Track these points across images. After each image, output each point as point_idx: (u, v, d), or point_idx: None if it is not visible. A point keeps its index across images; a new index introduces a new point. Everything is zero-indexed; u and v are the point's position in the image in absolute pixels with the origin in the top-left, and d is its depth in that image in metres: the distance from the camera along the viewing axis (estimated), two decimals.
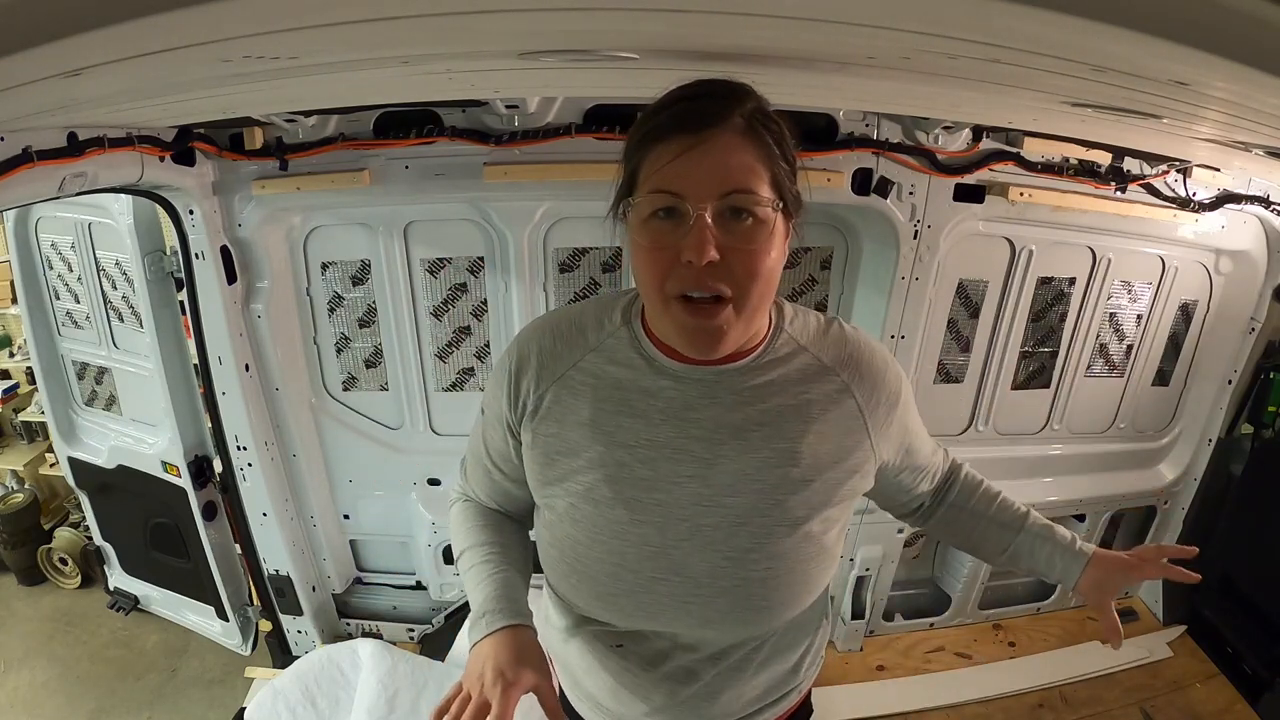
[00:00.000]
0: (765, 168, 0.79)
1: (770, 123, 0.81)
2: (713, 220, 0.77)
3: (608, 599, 0.92)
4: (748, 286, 0.79)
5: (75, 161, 1.42)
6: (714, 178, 0.77)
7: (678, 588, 0.89)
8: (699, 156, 0.77)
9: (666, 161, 0.78)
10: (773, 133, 0.81)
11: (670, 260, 0.78)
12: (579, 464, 0.89)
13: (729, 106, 0.78)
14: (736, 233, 0.78)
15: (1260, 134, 1.15)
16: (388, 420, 2.37)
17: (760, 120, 0.80)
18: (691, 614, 0.91)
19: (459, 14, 0.67)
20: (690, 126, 0.77)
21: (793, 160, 0.83)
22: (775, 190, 0.80)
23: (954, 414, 2.42)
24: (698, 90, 0.81)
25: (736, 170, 0.77)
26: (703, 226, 0.76)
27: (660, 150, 0.78)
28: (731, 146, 0.78)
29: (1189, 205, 2.12)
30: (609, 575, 0.90)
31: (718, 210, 0.77)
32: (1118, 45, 0.58)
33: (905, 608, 2.66)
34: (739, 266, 0.78)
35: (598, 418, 0.88)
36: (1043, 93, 1.07)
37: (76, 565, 3.29)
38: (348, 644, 2.31)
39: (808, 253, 2.16)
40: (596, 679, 1.04)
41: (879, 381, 0.93)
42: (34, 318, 2.48)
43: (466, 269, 2.14)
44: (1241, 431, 2.56)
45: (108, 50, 0.63)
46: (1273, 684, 2.35)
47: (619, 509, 0.88)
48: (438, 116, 1.84)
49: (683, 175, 0.77)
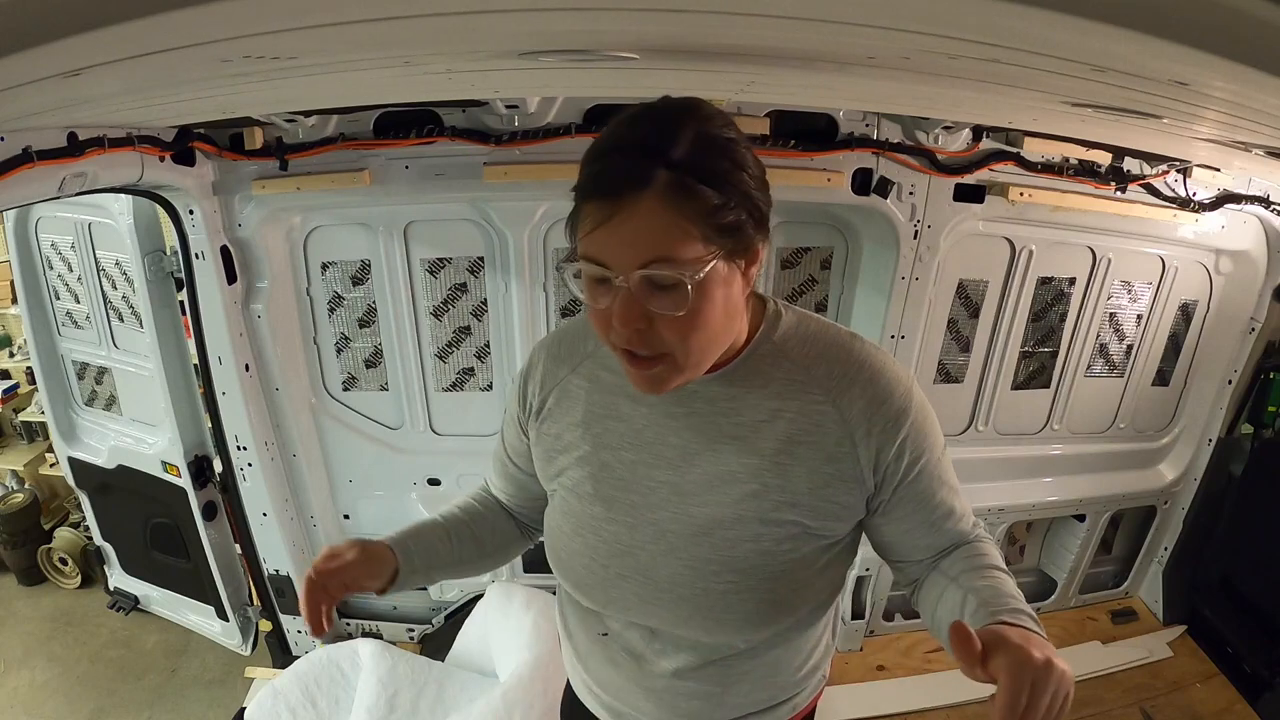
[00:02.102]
0: (695, 223, 0.73)
1: (709, 160, 0.74)
2: (637, 290, 0.74)
3: (584, 588, 0.97)
4: (683, 345, 0.78)
5: (75, 161, 1.42)
6: (631, 250, 0.73)
7: (642, 587, 0.92)
8: (616, 225, 0.73)
9: (589, 230, 0.75)
10: (712, 172, 0.74)
11: (609, 318, 0.77)
12: (571, 461, 0.95)
13: (649, 164, 0.72)
14: (663, 301, 0.75)
15: (1260, 134, 1.15)
16: (388, 420, 2.37)
17: (692, 166, 0.73)
18: (657, 614, 0.94)
19: (459, 14, 0.67)
20: (608, 191, 0.73)
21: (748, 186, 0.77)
22: (714, 239, 0.75)
23: (954, 414, 2.42)
24: (620, 140, 0.76)
25: (656, 238, 0.73)
26: (625, 299, 0.75)
27: (587, 212, 0.75)
28: (650, 211, 0.72)
29: (1189, 205, 2.12)
30: (584, 566, 0.95)
31: (638, 281, 0.74)
32: (1118, 45, 0.58)
33: (905, 608, 2.66)
34: (668, 331, 0.77)
35: (588, 420, 0.94)
36: (1043, 93, 1.07)
37: (76, 565, 3.29)
38: (348, 644, 2.31)
39: (808, 253, 2.16)
40: (592, 665, 1.08)
41: (875, 406, 0.85)
42: (34, 318, 2.48)
43: (466, 269, 2.14)
44: (1241, 431, 2.57)
45: (108, 50, 0.64)
46: (1273, 684, 2.35)
47: (598, 505, 0.93)
48: (438, 116, 1.84)
49: (603, 246, 0.74)
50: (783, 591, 0.90)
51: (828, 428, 0.86)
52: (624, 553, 0.92)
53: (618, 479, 0.92)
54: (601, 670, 1.06)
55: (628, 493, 0.92)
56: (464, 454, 2.40)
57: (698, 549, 0.89)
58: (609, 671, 1.04)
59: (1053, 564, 2.79)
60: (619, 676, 1.03)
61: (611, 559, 0.93)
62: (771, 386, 0.87)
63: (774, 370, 0.88)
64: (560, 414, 0.96)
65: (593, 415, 0.93)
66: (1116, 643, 2.64)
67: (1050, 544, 2.79)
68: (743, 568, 0.88)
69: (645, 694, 1.02)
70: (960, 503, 0.95)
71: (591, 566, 0.95)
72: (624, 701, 1.05)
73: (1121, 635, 2.68)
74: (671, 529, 0.90)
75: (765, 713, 1.05)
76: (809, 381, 0.87)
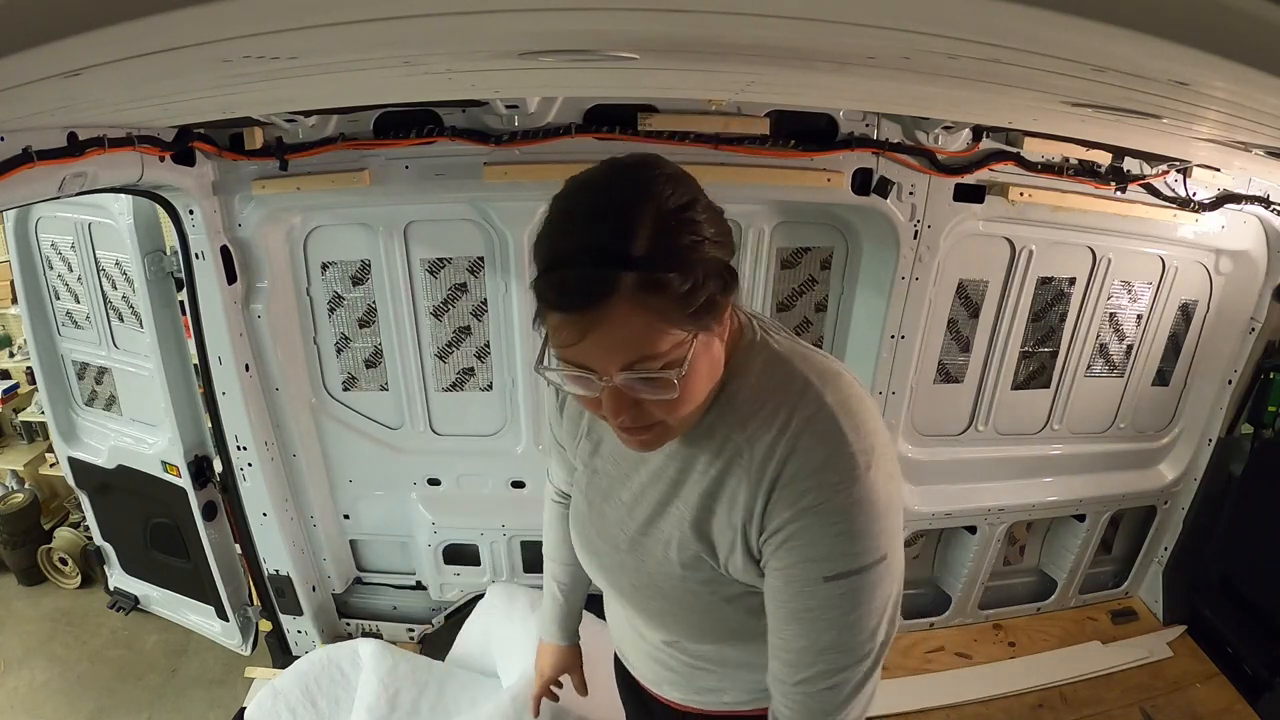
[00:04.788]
0: (668, 314, 0.72)
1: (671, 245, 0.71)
2: (622, 385, 0.76)
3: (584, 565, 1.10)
4: (674, 416, 0.80)
5: (75, 161, 1.42)
6: (612, 355, 0.73)
7: (612, 581, 1.05)
8: (593, 337, 0.72)
9: (563, 340, 0.74)
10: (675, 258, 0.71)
11: (598, 405, 0.80)
12: (578, 456, 1.06)
13: (610, 271, 0.69)
14: (653, 388, 0.76)
15: (1260, 134, 1.15)
16: (388, 420, 2.37)
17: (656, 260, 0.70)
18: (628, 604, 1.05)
19: (459, 14, 0.67)
20: (572, 305, 0.72)
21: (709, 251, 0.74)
22: (689, 323, 0.74)
23: (954, 414, 2.42)
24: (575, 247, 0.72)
25: (633, 341, 0.72)
26: (613, 395, 0.77)
27: (553, 320, 0.74)
28: (622, 316, 0.70)
29: (1189, 205, 2.12)
30: (579, 548, 1.08)
31: (624, 378, 0.75)
32: (1118, 45, 0.58)
33: (905, 608, 2.66)
34: (659, 410, 0.79)
35: (591, 432, 1.03)
36: (1043, 93, 1.07)
37: (76, 565, 3.29)
38: (348, 644, 2.31)
39: (808, 253, 2.16)
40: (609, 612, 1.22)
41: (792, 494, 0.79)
42: (34, 318, 2.48)
43: (466, 269, 2.14)
44: (1241, 431, 2.57)
45: (108, 50, 0.64)
46: (1273, 684, 2.35)
47: (584, 504, 1.05)
48: (438, 116, 1.84)
49: (582, 354, 0.75)
50: (711, 623, 0.96)
51: (740, 492, 0.84)
52: (597, 551, 1.04)
53: (598, 487, 1.02)
54: (611, 621, 1.22)
55: (603, 503, 1.02)
56: (464, 454, 2.40)
57: (638, 573, 0.98)
58: (614, 624, 1.20)
59: (1053, 564, 2.79)
60: (625, 641, 1.19)
61: (593, 554, 1.05)
62: (714, 439, 0.87)
63: (722, 421, 0.86)
64: (574, 418, 1.06)
65: (594, 428, 1.03)
66: (1116, 643, 2.64)
67: (1050, 544, 2.79)
68: (673, 598, 0.96)
69: (642, 658, 1.14)
70: (827, 644, 0.81)
71: (582, 550, 1.08)
72: (633, 664, 1.19)
73: (1121, 635, 2.68)
74: (622, 547, 0.99)
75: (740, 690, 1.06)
76: (740, 438, 0.84)
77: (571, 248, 0.73)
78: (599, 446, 1.02)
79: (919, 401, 2.33)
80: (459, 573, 2.52)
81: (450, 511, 2.43)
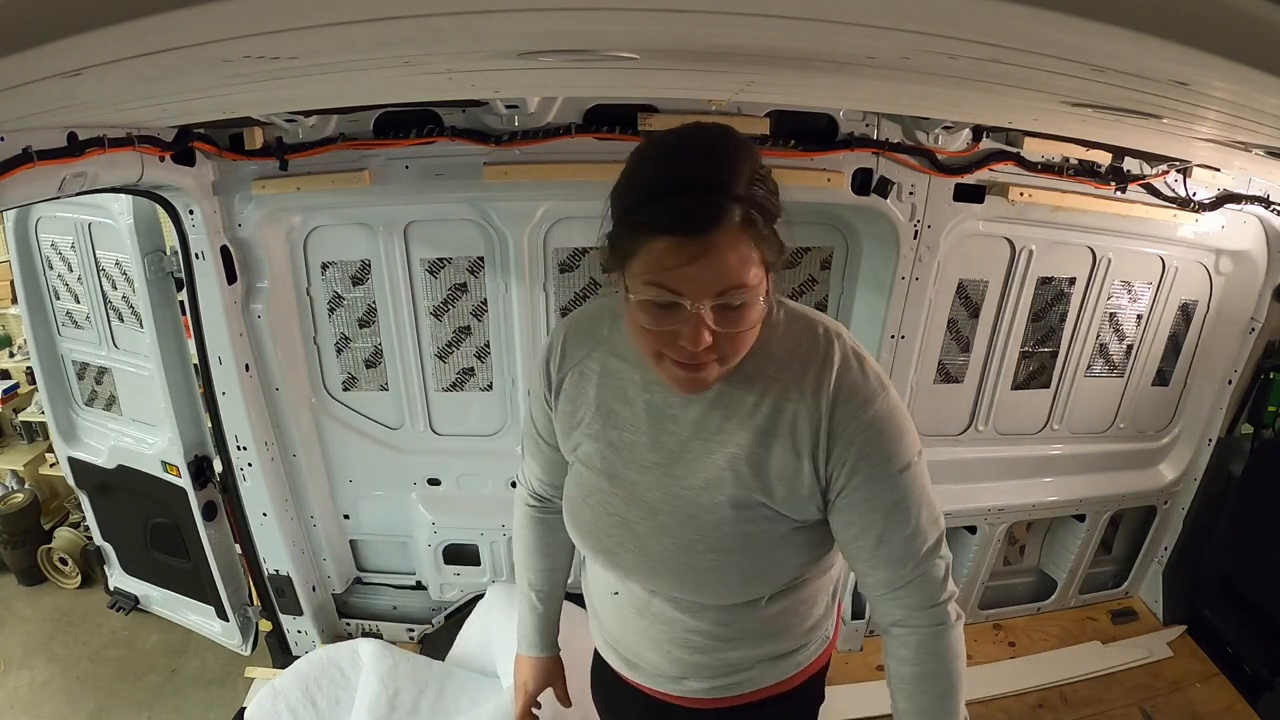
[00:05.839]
0: (758, 250, 0.82)
1: (761, 191, 0.81)
2: (708, 313, 0.82)
3: (591, 551, 1.08)
4: (735, 351, 0.87)
5: (75, 161, 1.42)
6: (713, 280, 0.80)
7: (638, 556, 1.02)
8: (701, 261, 0.79)
9: (666, 264, 0.80)
10: (764, 203, 0.81)
11: (666, 339, 0.84)
12: (585, 435, 1.04)
13: (726, 200, 0.78)
14: (729, 320, 0.83)
15: (1260, 134, 1.15)
16: (388, 420, 2.37)
17: (753, 200, 0.80)
18: (653, 580, 1.04)
19: (459, 14, 0.67)
20: (690, 229, 0.78)
21: (777, 204, 0.84)
22: (767, 260, 0.84)
23: (954, 414, 2.42)
24: (685, 177, 0.79)
25: (734, 269, 0.80)
26: (698, 324, 0.82)
27: (658, 245, 0.79)
28: (729, 245, 0.79)
29: (1189, 205, 2.12)
30: (589, 530, 1.06)
31: (714, 305, 0.81)
32: (1118, 45, 0.58)
33: None
34: (728, 345, 0.85)
35: (601, 400, 1.02)
36: (1043, 93, 1.07)
37: (76, 565, 3.29)
38: (348, 644, 2.31)
39: (808, 253, 2.16)
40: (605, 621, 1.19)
41: (848, 414, 0.91)
42: (34, 318, 2.48)
43: (466, 269, 2.14)
44: (1241, 431, 2.57)
45: (108, 50, 0.64)
46: (1272, 684, 2.35)
47: (602, 479, 1.03)
48: (438, 116, 1.84)
49: (683, 279, 0.80)
50: (763, 566, 0.99)
51: (797, 423, 0.92)
52: (622, 524, 1.02)
53: (620, 457, 1.01)
54: (614, 625, 1.17)
55: (627, 470, 1.01)
56: (464, 454, 2.40)
57: (683, 530, 0.98)
58: (620, 626, 1.15)
59: (1053, 564, 2.79)
60: (628, 631, 1.14)
61: (612, 529, 1.03)
62: (757, 384, 0.94)
63: (762, 367, 0.94)
64: (577, 392, 1.04)
65: (604, 396, 1.02)
66: (1116, 643, 2.64)
67: (1050, 544, 2.79)
68: (724, 547, 0.97)
69: (651, 646, 1.11)
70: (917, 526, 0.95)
71: (595, 532, 1.05)
72: (634, 654, 1.15)
73: (1121, 635, 2.68)
74: (662, 509, 0.99)
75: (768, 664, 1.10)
76: (786, 378, 0.93)
77: (684, 179, 0.79)
78: (613, 418, 1.01)
79: (919, 401, 2.32)
80: (459, 573, 2.52)
81: (450, 511, 2.43)
